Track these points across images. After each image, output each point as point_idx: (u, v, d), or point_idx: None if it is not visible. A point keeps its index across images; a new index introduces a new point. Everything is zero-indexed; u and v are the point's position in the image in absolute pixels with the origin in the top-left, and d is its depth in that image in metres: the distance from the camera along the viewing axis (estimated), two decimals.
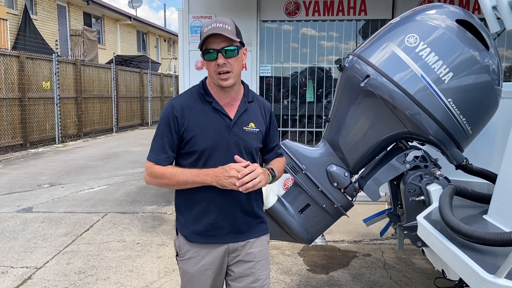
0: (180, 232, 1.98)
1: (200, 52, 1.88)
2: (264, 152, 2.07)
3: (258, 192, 2.03)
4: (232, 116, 1.89)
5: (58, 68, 12.01)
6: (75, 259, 4.14)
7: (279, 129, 6.00)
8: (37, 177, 7.80)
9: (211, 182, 1.79)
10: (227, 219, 1.92)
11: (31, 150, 10.85)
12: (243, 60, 1.90)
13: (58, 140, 12.14)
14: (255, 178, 1.74)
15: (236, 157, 1.80)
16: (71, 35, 17.19)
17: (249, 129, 1.91)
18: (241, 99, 1.94)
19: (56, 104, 12.04)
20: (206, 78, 1.97)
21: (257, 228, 2.01)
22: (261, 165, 2.01)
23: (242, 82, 1.99)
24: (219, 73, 1.82)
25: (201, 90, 1.93)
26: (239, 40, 1.84)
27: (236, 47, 1.83)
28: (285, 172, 2.78)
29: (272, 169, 1.94)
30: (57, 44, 12.56)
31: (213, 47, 1.80)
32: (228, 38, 1.79)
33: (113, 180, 7.63)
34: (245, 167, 1.76)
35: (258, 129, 1.94)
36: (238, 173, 1.73)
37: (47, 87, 11.81)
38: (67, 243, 4.56)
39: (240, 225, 1.95)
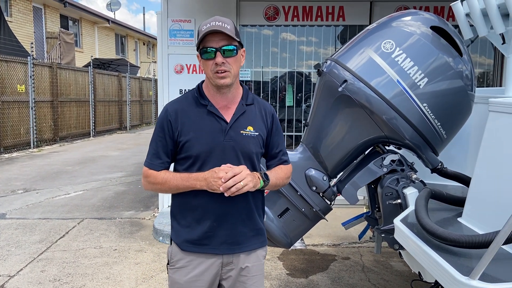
0: (174, 240, 1.90)
1: (197, 52, 1.81)
2: (267, 158, 1.97)
3: (259, 200, 1.92)
4: (228, 119, 1.81)
5: (33, 71, 11.75)
6: (50, 267, 4.04)
7: None
8: (11, 182, 7.59)
9: (201, 186, 1.72)
10: (222, 228, 1.82)
11: (5, 155, 10.55)
12: (241, 61, 1.83)
13: (33, 144, 11.85)
14: (239, 182, 1.65)
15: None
16: (47, 38, 16.84)
17: (247, 132, 1.82)
18: (238, 101, 1.86)
19: (31, 108, 11.77)
20: (202, 82, 1.91)
21: (254, 240, 1.90)
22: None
23: (241, 85, 1.92)
24: (217, 72, 1.74)
25: (196, 93, 1.86)
26: (238, 40, 1.78)
27: (235, 47, 1.76)
28: None
29: (265, 173, 1.83)
30: (32, 47, 12.29)
31: (211, 45, 1.73)
32: (228, 37, 1.73)
33: (90, 185, 7.49)
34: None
35: (257, 133, 1.84)
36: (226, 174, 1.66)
37: (22, 90, 11.53)
38: (41, 250, 4.45)
39: (237, 235, 1.84)
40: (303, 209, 2.75)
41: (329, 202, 2.80)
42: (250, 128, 1.83)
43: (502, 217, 1.60)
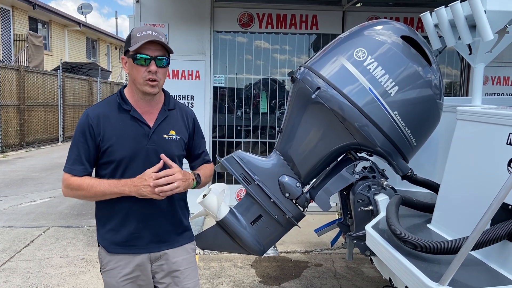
0: (100, 243, 1.96)
1: (125, 56, 1.85)
2: (190, 159, 2.09)
3: (182, 200, 2.02)
4: (151, 124, 1.88)
5: None
6: (14, 277, 3.87)
7: (232, 140, 6.00)
8: None
9: (130, 193, 1.77)
10: (148, 229, 1.90)
11: None
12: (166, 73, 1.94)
13: None
14: (172, 182, 1.73)
15: (153, 168, 1.79)
16: (15, 40, 16.32)
17: (170, 136, 1.91)
18: (161, 107, 1.94)
19: None
20: (124, 87, 1.95)
21: (180, 237, 2.00)
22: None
23: (163, 90, 1.99)
24: (149, 80, 1.81)
25: (118, 99, 1.90)
26: (170, 52, 1.89)
27: (167, 58, 1.87)
28: (238, 183, 2.76)
29: (198, 174, 1.94)
30: None
31: (147, 53, 1.80)
32: (163, 48, 1.82)
33: (57, 192, 7.26)
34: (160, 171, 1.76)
35: (179, 137, 1.94)
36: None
37: None
38: (4, 259, 4.27)
39: (162, 234, 1.93)
40: (276, 216, 2.74)
41: (302, 209, 2.79)
42: (172, 132, 1.93)
43: (471, 223, 1.63)
